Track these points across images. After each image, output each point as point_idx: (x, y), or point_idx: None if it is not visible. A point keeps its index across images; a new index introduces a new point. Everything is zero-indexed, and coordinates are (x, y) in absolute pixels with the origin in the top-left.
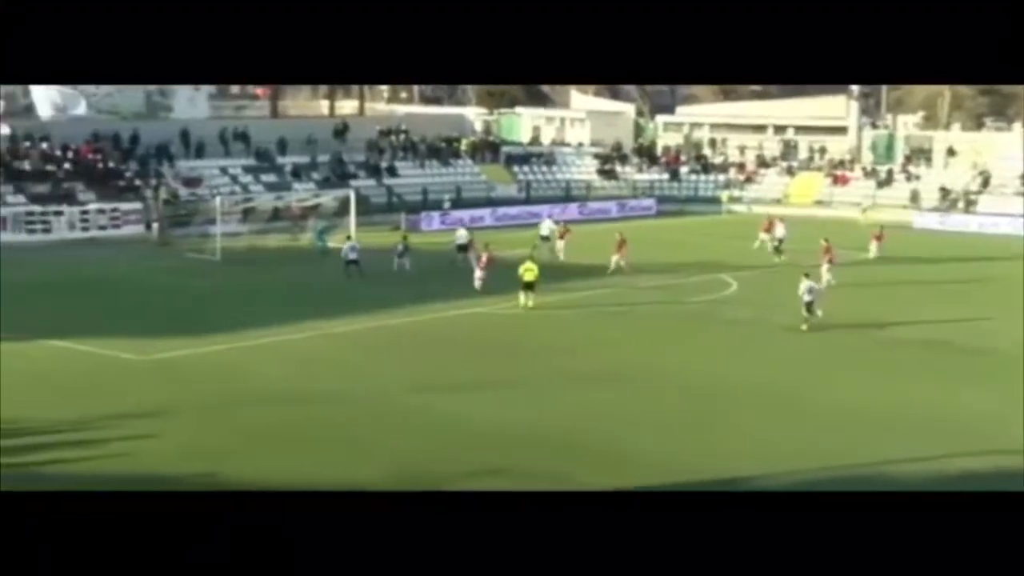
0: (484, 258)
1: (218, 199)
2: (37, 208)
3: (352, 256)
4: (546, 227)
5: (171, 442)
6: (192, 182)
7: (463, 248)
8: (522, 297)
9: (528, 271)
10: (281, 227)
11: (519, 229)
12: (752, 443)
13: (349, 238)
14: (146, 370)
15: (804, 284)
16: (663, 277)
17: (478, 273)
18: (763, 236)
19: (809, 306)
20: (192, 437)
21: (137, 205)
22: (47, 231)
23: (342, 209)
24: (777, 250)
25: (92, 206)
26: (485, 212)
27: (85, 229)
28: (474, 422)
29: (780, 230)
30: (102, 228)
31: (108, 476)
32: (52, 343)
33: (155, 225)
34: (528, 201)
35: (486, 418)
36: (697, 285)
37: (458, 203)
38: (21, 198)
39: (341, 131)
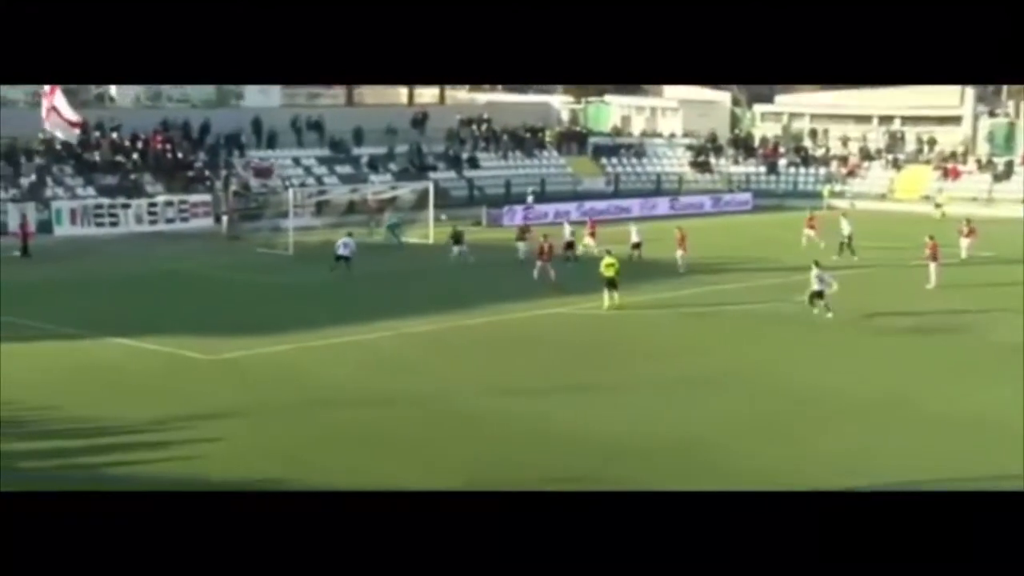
0: (547, 248)
1: (291, 191)
2: (105, 200)
3: (343, 252)
4: (635, 233)
5: (239, 444)
6: (263, 173)
7: (571, 245)
8: (606, 296)
9: (609, 266)
10: (357, 221)
11: (606, 225)
12: (850, 452)
13: (350, 234)
14: (214, 370)
15: (814, 272)
16: (758, 276)
17: (539, 264)
18: (808, 233)
19: (819, 295)
20: (261, 440)
21: (206, 197)
22: (115, 224)
23: (420, 202)
24: (848, 248)
25: (160, 198)
26: (571, 206)
27: (153, 222)
28: (555, 427)
29: (846, 227)
30: (170, 221)
31: (175, 479)
32: (117, 341)
33: (225, 218)
34: (616, 195)
35: (568, 423)
36: (794, 284)
37: (542, 196)
38: (91, 190)
39: (420, 120)
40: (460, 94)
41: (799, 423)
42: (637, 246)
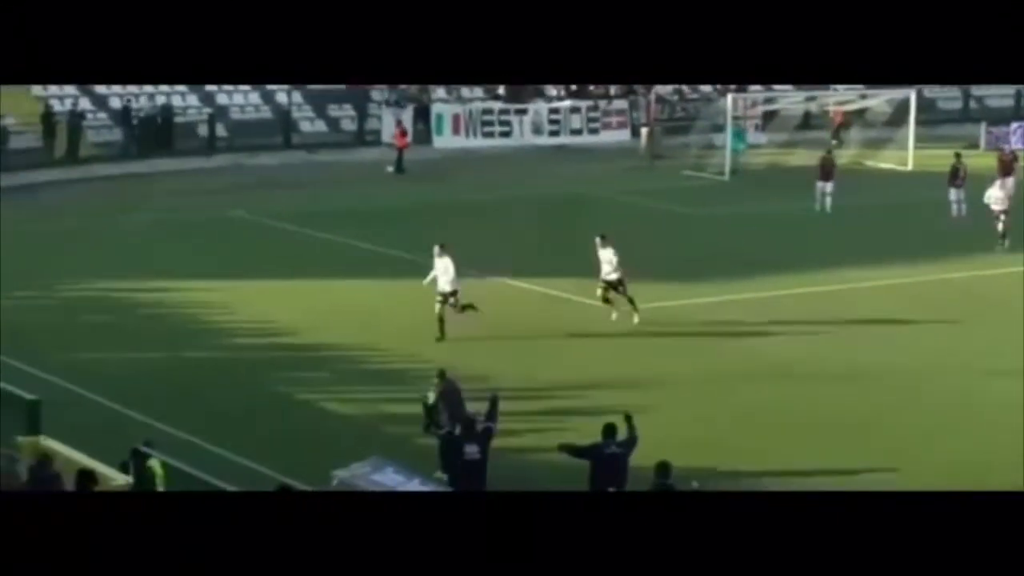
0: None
1: (728, 99)
2: (497, 105)
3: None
4: None
5: (654, 420)
6: None
7: None
8: None
9: None
10: (813, 139)
11: None
12: None
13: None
14: (625, 324)
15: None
16: None
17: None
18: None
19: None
20: (680, 415)
21: (623, 104)
22: (506, 134)
23: (898, 116)
24: None
25: (565, 104)
26: None
27: (554, 133)
28: None
29: None
30: (576, 132)
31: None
32: (504, 281)
33: (644, 131)
34: None
35: None
36: None
37: None
38: (478, 92)
39: None
40: None
41: None
42: None
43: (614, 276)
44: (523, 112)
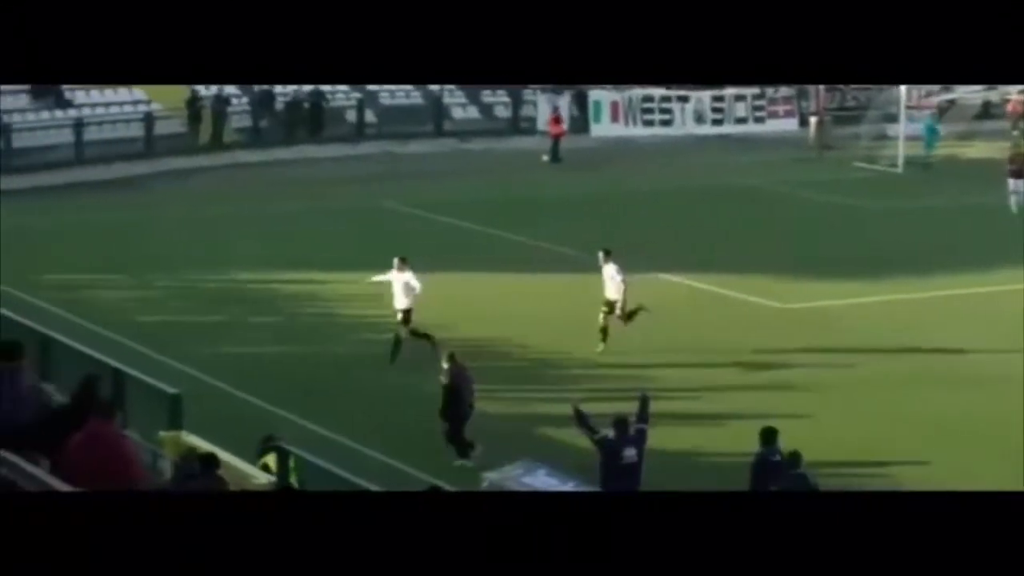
0: None
1: (902, 88)
2: (658, 92)
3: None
4: None
5: (825, 427)
6: None
7: None
8: None
9: None
10: (993, 130)
11: None
12: None
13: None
14: (791, 323)
15: None
16: None
17: None
18: None
19: None
20: (852, 421)
21: (790, 92)
22: (667, 123)
23: None
24: None
25: (728, 91)
26: None
27: (717, 122)
28: None
29: None
30: (740, 121)
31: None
32: (663, 277)
33: (813, 120)
34: None
35: None
36: None
37: None
38: None
39: None
40: None
41: None
42: None
43: (614, 296)
44: (685, 100)
